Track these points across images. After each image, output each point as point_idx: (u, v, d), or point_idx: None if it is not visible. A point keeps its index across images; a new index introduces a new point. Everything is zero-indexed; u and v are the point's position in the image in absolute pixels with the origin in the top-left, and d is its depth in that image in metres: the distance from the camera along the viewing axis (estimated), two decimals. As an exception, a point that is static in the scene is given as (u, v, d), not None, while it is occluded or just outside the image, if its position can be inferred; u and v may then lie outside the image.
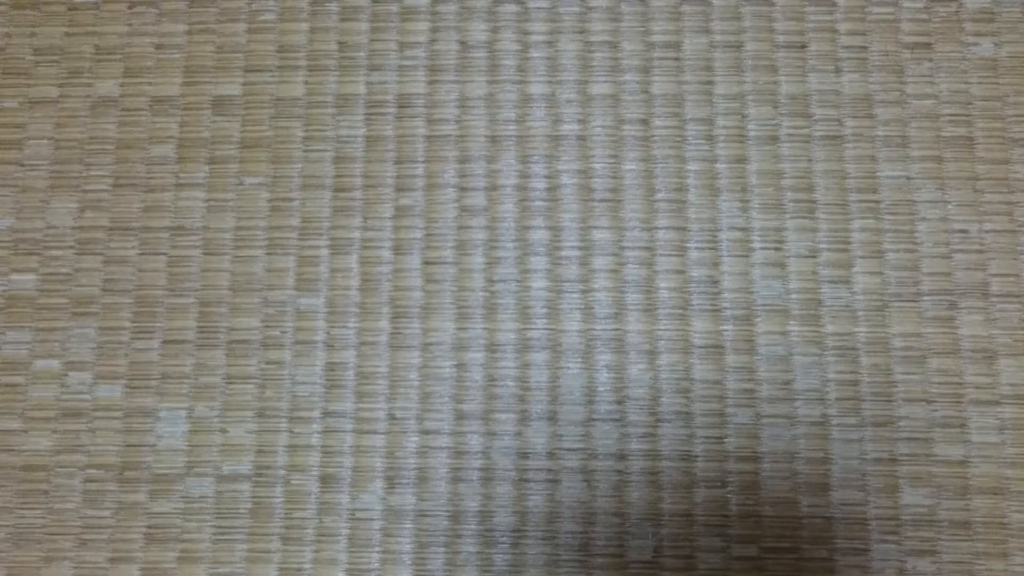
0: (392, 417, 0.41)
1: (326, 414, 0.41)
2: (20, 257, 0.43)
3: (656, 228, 0.43)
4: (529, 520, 0.40)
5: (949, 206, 0.43)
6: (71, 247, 0.43)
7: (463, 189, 0.43)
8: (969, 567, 0.40)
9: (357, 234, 0.43)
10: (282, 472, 0.41)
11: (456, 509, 0.40)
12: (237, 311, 0.42)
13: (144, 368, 0.42)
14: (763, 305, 0.42)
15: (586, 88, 0.44)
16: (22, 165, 0.44)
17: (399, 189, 0.43)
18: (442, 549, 0.40)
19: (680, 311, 0.42)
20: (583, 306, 0.42)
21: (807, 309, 0.42)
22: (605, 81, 0.44)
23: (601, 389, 0.41)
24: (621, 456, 0.41)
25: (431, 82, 0.44)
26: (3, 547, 0.41)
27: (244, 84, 0.44)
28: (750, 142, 0.43)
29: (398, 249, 0.43)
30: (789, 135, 0.43)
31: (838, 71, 0.44)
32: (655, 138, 0.44)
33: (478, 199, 0.43)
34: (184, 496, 0.41)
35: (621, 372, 0.41)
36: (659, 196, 0.43)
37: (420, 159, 0.44)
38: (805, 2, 0.45)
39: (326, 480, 0.41)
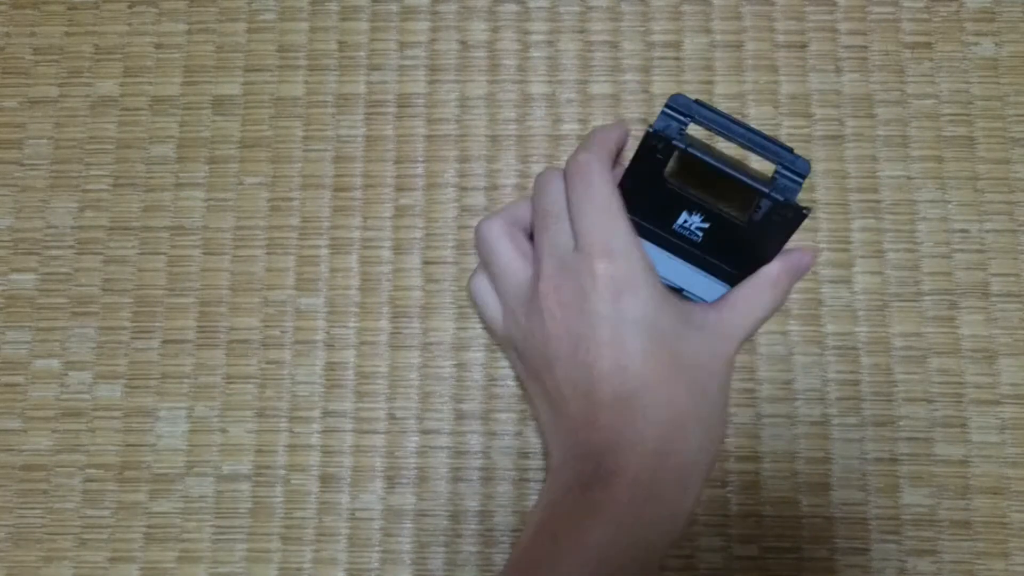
0: (392, 417, 0.41)
1: (326, 414, 0.41)
2: (20, 257, 0.43)
3: (656, 228, 0.43)
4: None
5: (949, 206, 0.43)
6: (71, 247, 0.43)
7: (463, 189, 0.43)
8: (969, 567, 0.40)
9: (357, 234, 0.43)
10: (282, 472, 0.41)
11: (456, 509, 0.40)
12: (237, 311, 0.42)
13: (144, 368, 0.42)
14: (763, 305, 0.42)
15: (586, 88, 0.44)
16: (22, 165, 0.44)
17: (399, 189, 0.43)
18: (442, 549, 0.40)
19: (680, 311, 0.42)
20: (583, 306, 0.42)
21: (807, 309, 0.42)
22: (605, 81, 0.44)
23: (601, 389, 0.41)
24: (621, 456, 0.41)
25: (431, 82, 0.44)
26: (3, 547, 0.41)
27: (244, 84, 0.44)
28: (750, 142, 0.43)
29: (398, 249, 0.43)
30: (789, 135, 0.43)
31: (838, 71, 0.44)
32: (655, 138, 0.43)
33: (478, 199, 0.43)
34: (184, 496, 0.41)
35: (621, 372, 0.41)
36: (659, 196, 0.43)
37: (420, 159, 0.44)
38: (805, 2, 0.45)
39: (326, 480, 0.41)
